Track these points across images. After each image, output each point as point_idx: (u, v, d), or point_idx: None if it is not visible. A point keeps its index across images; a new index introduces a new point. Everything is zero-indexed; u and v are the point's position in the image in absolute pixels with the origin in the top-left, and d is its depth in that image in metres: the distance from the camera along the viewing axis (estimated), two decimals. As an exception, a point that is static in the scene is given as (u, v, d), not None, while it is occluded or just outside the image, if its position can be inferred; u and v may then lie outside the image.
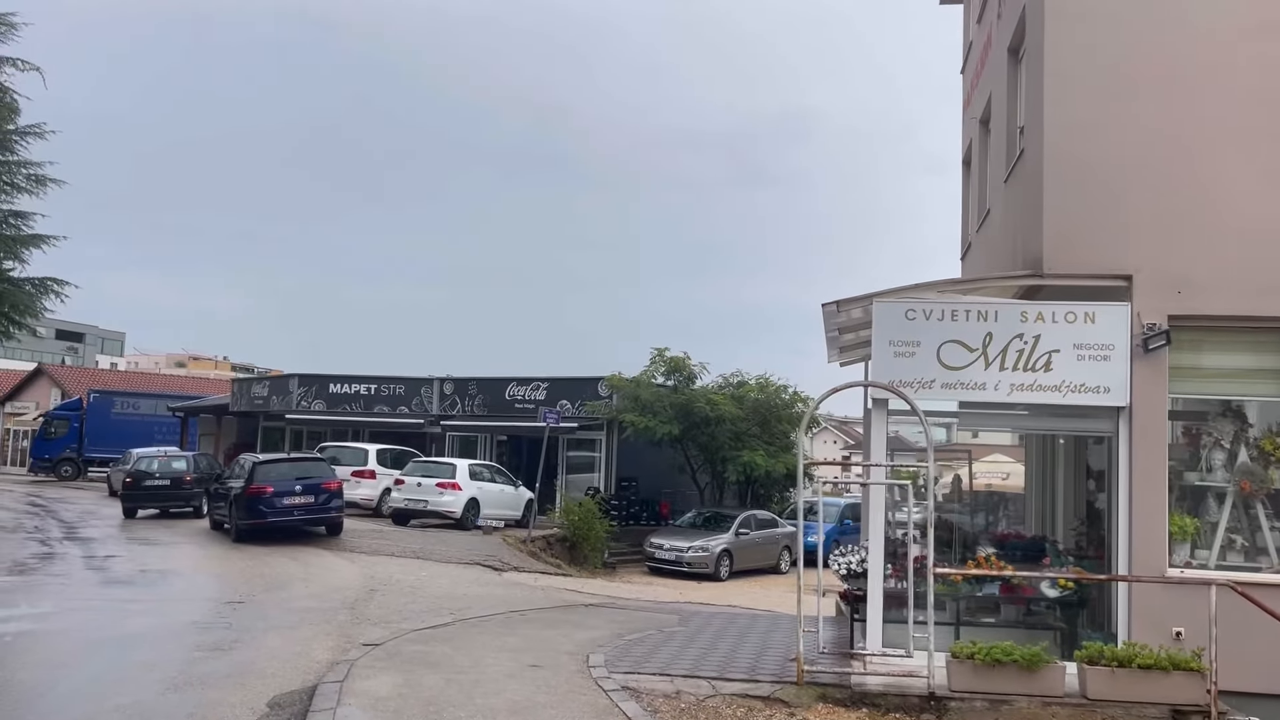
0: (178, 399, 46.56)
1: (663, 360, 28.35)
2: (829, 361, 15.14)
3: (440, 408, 33.59)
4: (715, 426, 27.67)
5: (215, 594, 14.26)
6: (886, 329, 9.81)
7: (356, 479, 26.62)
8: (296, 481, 20.84)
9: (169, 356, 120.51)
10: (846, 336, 12.86)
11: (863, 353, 14.35)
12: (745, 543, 26.28)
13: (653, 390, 28.10)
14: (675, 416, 27.45)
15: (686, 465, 29.42)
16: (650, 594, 19.59)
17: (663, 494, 31.53)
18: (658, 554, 25.46)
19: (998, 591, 10.09)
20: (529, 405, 31.49)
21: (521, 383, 31.81)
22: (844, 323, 11.60)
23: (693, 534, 26.14)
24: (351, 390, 34.98)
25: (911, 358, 9.72)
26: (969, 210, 16.09)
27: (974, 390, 9.63)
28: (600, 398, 29.32)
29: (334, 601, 13.90)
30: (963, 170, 16.43)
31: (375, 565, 18.21)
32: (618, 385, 28.40)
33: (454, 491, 24.60)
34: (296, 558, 18.41)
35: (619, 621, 12.68)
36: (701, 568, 24.98)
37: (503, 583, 17.89)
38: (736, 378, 29.67)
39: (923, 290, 9.94)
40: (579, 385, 30.34)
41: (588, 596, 17.19)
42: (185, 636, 10.93)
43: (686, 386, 28.46)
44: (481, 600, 14.98)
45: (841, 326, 11.68)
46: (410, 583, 16.36)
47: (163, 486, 25.87)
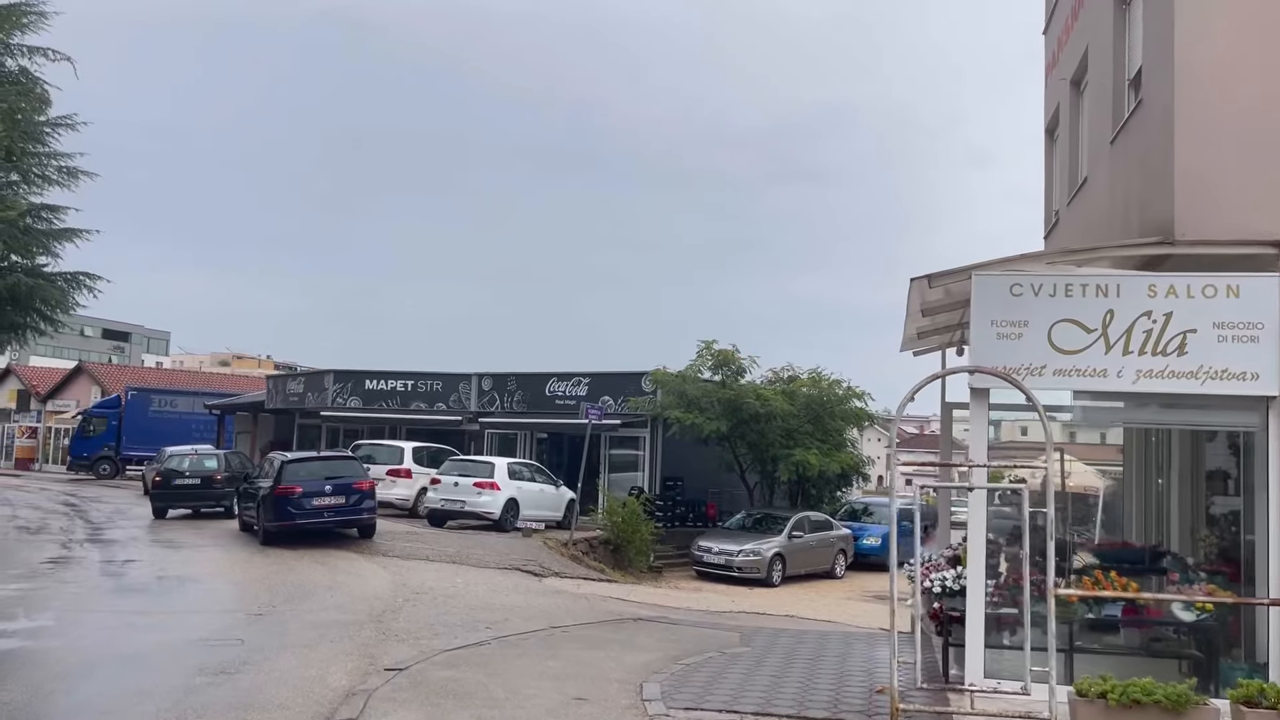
0: (215, 396, 45.95)
1: (710, 353, 26.98)
2: (901, 350, 13.75)
3: (479, 404, 32.50)
4: (765, 423, 26.27)
5: (232, 604, 13.16)
6: (988, 306, 8.41)
7: (391, 478, 25.57)
8: (326, 481, 19.76)
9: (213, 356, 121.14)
10: (922, 323, 11.47)
11: (940, 340, 12.96)
12: (798, 546, 24.88)
13: (699, 385, 26.75)
14: (723, 413, 26.09)
15: (735, 464, 28.04)
16: (701, 603, 18.28)
17: (709, 494, 30.20)
18: (706, 557, 24.13)
19: (1119, 614, 8.66)
20: (570, 401, 30.28)
21: (562, 378, 30.59)
22: (927, 304, 10.22)
23: (743, 536, 24.78)
24: (388, 386, 33.99)
25: (1018, 340, 8.32)
26: (1053, 183, 14.59)
27: (1093, 378, 8.20)
28: (644, 393, 28.04)
29: (360, 613, 12.74)
30: (1045, 141, 14.93)
31: (408, 571, 17.08)
32: (662, 380, 27.09)
33: (492, 491, 23.44)
34: (325, 562, 17.32)
35: (673, 640, 11.38)
36: (753, 572, 23.62)
37: (543, 590, 16.68)
38: (787, 372, 28.24)
39: (1029, 261, 8.53)
40: (622, 380, 29.07)
41: (635, 607, 15.91)
42: (190, 656, 9.79)
43: (735, 381, 27.08)
44: (520, 611, 13.76)
45: (925, 307, 10.30)
46: (444, 591, 15.20)
47: (193, 486, 24.96)
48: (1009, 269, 8.46)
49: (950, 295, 10.07)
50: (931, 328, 11.84)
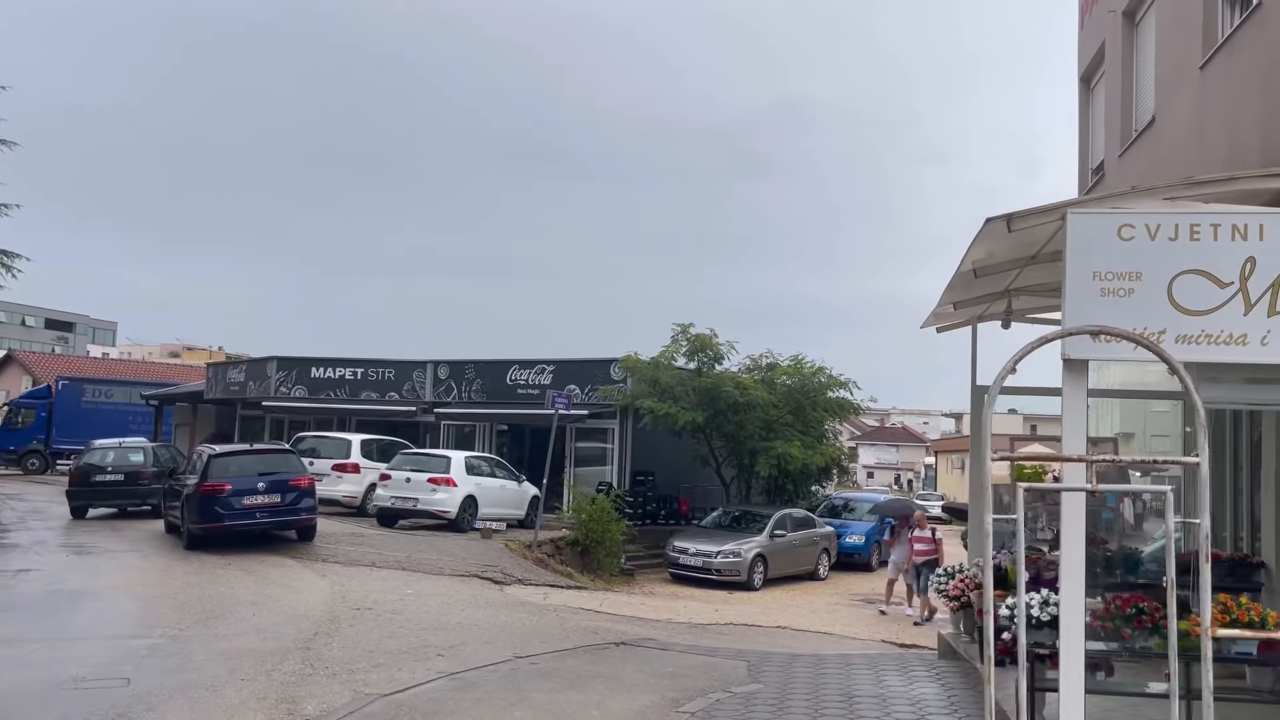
0: (155, 387, 43.26)
1: (686, 338, 24.99)
2: (923, 326, 11.87)
3: (434, 394, 30.30)
4: (744, 414, 24.36)
5: (131, 628, 10.98)
6: (1088, 254, 6.47)
7: (337, 473, 23.37)
8: (260, 478, 17.52)
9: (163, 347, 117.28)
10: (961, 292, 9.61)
11: (972, 313, 11.10)
12: (781, 546, 23.00)
13: (674, 373, 24.76)
14: (699, 403, 24.13)
15: (710, 457, 26.10)
16: (682, 613, 16.32)
17: (682, 489, 28.23)
18: (682, 559, 22.18)
19: (1254, 651, 6.80)
20: (533, 391, 28.19)
21: (525, 366, 28.48)
22: (982, 263, 8.33)
23: (721, 536, 22.85)
24: (335, 375, 31.65)
25: (1128, 297, 6.39)
26: (1091, 135, 12.78)
27: (1229, 346, 6.31)
28: (613, 382, 26.01)
29: (287, 637, 10.63)
30: (1080, 89, 13.10)
31: (350, 580, 14.95)
32: (634, 367, 25.08)
33: (448, 488, 21.33)
34: (254, 571, 15.14)
35: (666, 675, 9.37)
36: (733, 575, 21.71)
37: (505, 602, 14.63)
38: (766, 359, 26.30)
39: (1138, 199, 6.62)
40: (589, 368, 27.02)
41: (610, 621, 13.93)
42: (55, 704, 7.66)
43: (711, 369, 25.12)
44: (479, 631, 11.72)
45: (980, 266, 8.40)
46: (391, 605, 13.11)
47: (116, 482, 22.51)
48: (1116, 206, 6.55)
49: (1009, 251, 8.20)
50: (969, 299, 9.97)
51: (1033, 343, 5.70)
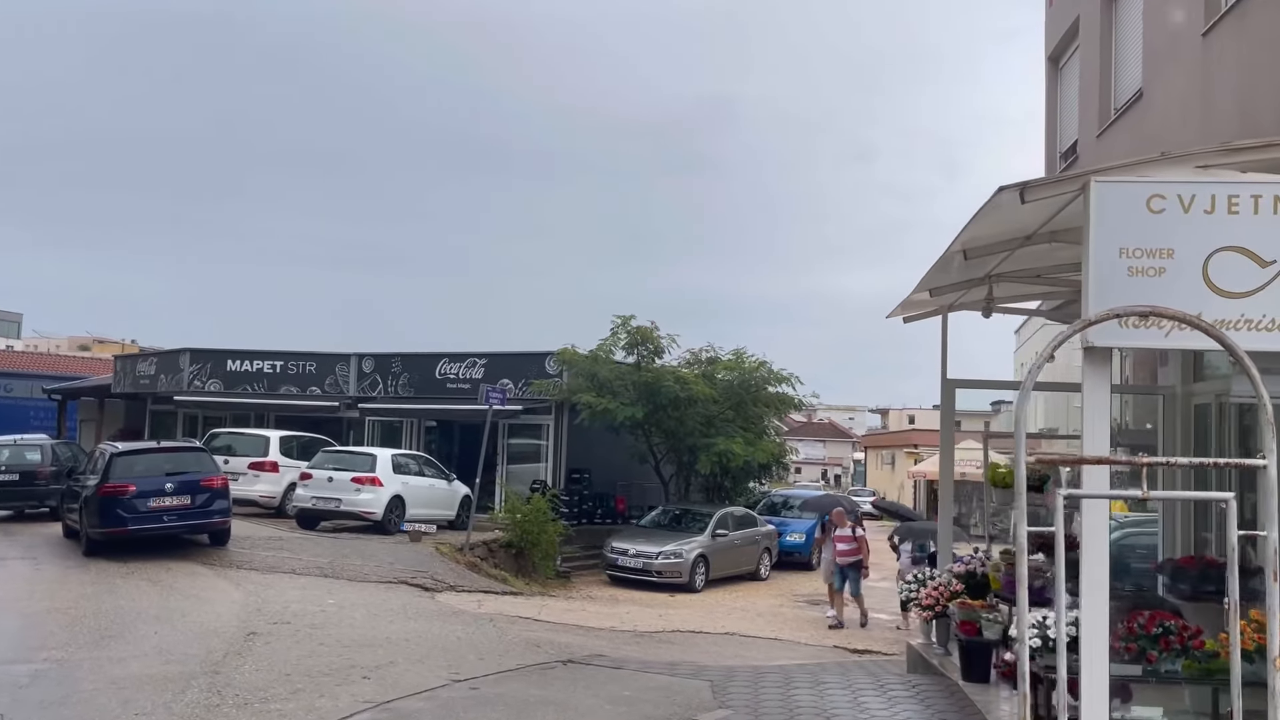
0: (59, 380, 40.93)
1: (625, 331, 24.07)
2: (889, 316, 11.16)
3: (359, 388, 28.93)
4: (685, 409, 23.54)
5: (11, 650, 9.73)
6: (1114, 229, 5.74)
7: (254, 472, 21.97)
8: (168, 478, 16.16)
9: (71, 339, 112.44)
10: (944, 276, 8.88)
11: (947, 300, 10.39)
12: (723, 545, 22.26)
13: (613, 367, 23.84)
14: (638, 397, 23.26)
15: (649, 454, 25.25)
16: (626, 619, 15.45)
17: (618, 487, 27.35)
18: (621, 561, 21.29)
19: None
20: (464, 385, 27.01)
21: (455, 359, 27.28)
22: (976, 241, 7.58)
23: (661, 536, 22.02)
24: (253, 368, 30.05)
25: (1159, 277, 5.67)
26: (1061, 116, 12.19)
27: (1272, 332, 5.62)
28: (549, 376, 25.00)
29: (192, 659, 9.48)
30: (1048, 69, 12.51)
31: (267, 589, 13.76)
32: (571, 361, 24.09)
33: (373, 488, 20.13)
34: (160, 580, 13.85)
35: (624, 700, 8.44)
36: (674, 577, 20.88)
37: (437, 611, 13.58)
38: (707, 353, 25.52)
39: (1167, 166, 5.89)
40: (523, 362, 25.96)
41: (552, 632, 12.99)
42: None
43: (651, 362, 24.26)
44: (410, 648, 10.68)
45: (970, 247, 7.65)
46: (312, 618, 11.99)
47: (10, 482, 20.77)
48: (1143, 175, 5.81)
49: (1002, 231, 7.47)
50: (945, 283, 9.24)
51: (1075, 326, 4.91)
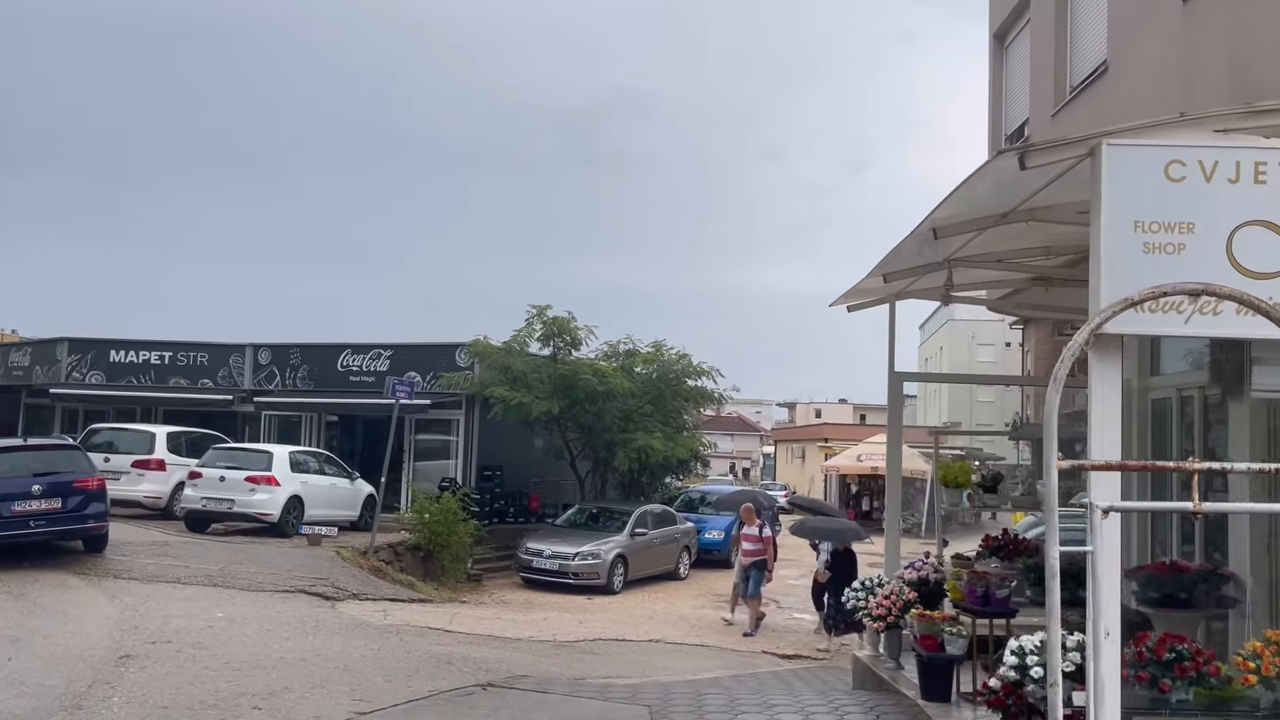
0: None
1: (541, 321, 23.03)
2: (832, 305, 10.45)
3: (254, 381, 27.29)
4: (603, 404, 22.66)
5: None
6: (1128, 199, 5.03)
7: (138, 471, 20.35)
8: (36, 479, 14.56)
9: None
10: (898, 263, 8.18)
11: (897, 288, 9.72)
12: (642, 545, 21.45)
13: (527, 359, 22.81)
14: (554, 391, 22.29)
15: (565, 450, 24.29)
16: (545, 627, 14.51)
17: (531, 484, 26.33)
18: (536, 562, 20.30)
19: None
20: (368, 378, 25.68)
21: (359, 350, 25.90)
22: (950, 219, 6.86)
23: (578, 536, 21.10)
24: (139, 359, 28.12)
25: (1179, 254, 4.99)
26: (1006, 94, 11.66)
27: (1303, 317, 4.97)
28: (459, 368, 23.85)
29: (50, 692, 8.23)
30: (992, 48, 11.96)
31: (147, 602, 12.43)
32: (484, 353, 22.98)
33: (269, 487, 18.76)
34: (23, 595, 12.38)
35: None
36: (592, 578, 19.99)
37: (339, 625, 12.44)
38: (625, 345, 24.64)
39: (1188, 129, 5.21)
40: (432, 354, 24.74)
41: (467, 645, 11.99)
42: None
43: (568, 355, 23.30)
44: (307, 668, 9.57)
45: (943, 225, 6.93)
46: (197, 635, 10.77)
47: None
48: (1159, 137, 5.12)
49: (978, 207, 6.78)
50: (901, 268, 8.53)
51: (1116, 306, 4.16)
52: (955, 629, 7.43)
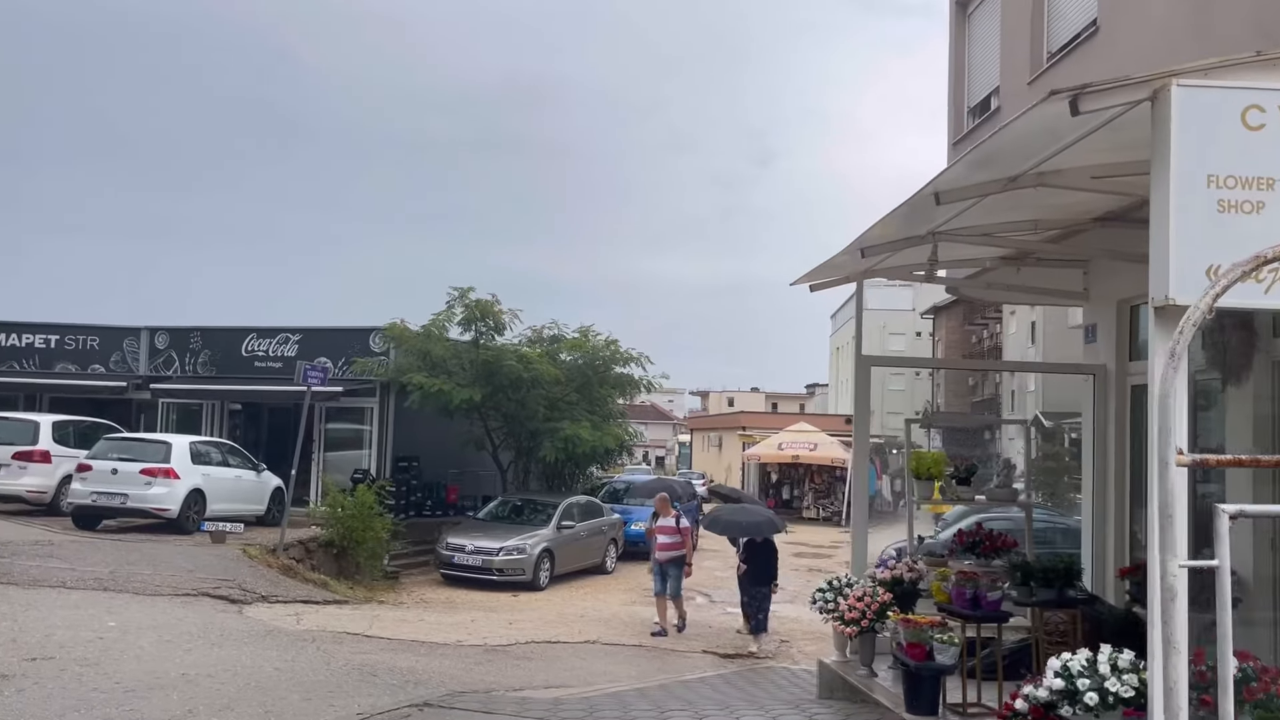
0: None
1: (463, 304, 21.91)
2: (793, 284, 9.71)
3: (150, 366, 25.58)
4: (528, 391, 21.70)
5: None
6: (1200, 149, 4.36)
7: (20, 463, 18.74)
8: (-102, 474, 13.12)
9: None
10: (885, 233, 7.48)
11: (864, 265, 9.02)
12: (568, 538, 20.58)
13: (448, 344, 21.69)
14: (477, 378, 21.24)
15: (487, 440, 23.25)
16: (473, 630, 13.55)
17: (450, 475, 25.17)
18: (457, 558, 19.27)
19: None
20: (275, 364, 24.27)
21: (264, 334, 24.43)
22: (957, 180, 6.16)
23: (501, 530, 20.12)
24: (22, 342, 26.12)
25: (1257, 214, 4.33)
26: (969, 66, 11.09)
27: (1396, 290, 4.36)
28: (374, 354, 22.61)
29: (-96, 724, 7.02)
30: (954, 17, 11.37)
31: (28, 611, 11.09)
32: (400, 337, 21.80)
33: (167, 480, 17.37)
34: (-120, 605, 10.95)
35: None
36: (517, 575, 19.06)
37: (248, 632, 11.29)
38: (550, 330, 23.67)
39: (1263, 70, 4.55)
40: (344, 338, 23.43)
41: (388, 649, 11.00)
42: None
43: (491, 340, 22.24)
44: (213, 687, 8.48)
45: (946, 189, 6.22)
46: (84, 648, 9.54)
47: None
48: (1226, 77, 4.45)
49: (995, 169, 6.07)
50: (884, 240, 7.82)
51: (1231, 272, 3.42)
52: (945, 635, 6.75)
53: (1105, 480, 9.00)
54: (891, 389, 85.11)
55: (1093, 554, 8.91)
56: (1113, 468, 8.90)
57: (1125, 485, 8.85)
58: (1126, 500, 8.84)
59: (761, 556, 14.45)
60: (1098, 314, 9.33)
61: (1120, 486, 8.86)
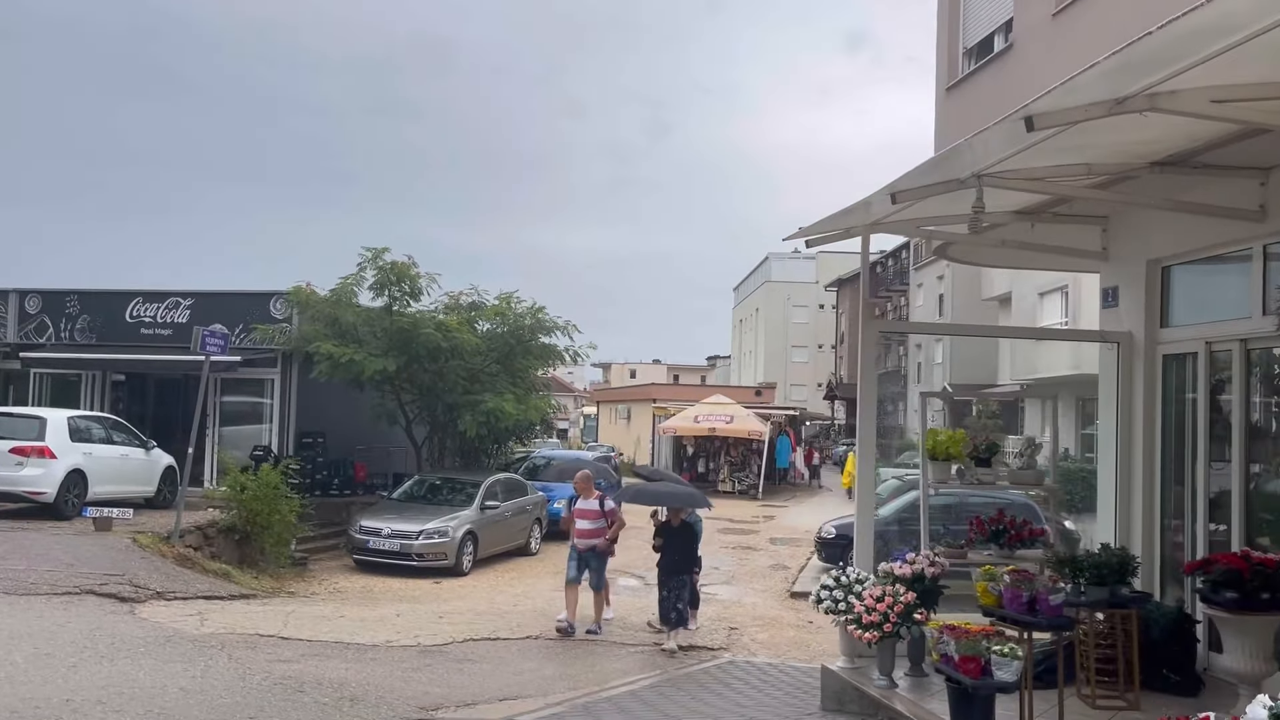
0: None
1: (376, 266, 20.20)
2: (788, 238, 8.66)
3: (20, 333, 23.14)
4: (446, 362, 20.17)
5: None
6: None
7: None
8: None
9: None
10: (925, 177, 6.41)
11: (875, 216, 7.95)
12: (493, 519, 19.23)
13: (359, 311, 20.01)
14: (391, 347, 19.63)
15: (400, 414, 21.65)
16: (402, 628, 12.15)
17: (357, 452, 23.49)
18: (372, 543, 17.74)
19: None
20: (163, 330, 22.19)
21: (152, 299, 22.28)
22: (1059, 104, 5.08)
23: (419, 511, 18.63)
24: None
25: None
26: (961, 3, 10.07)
27: None
28: (275, 321, 20.76)
29: None
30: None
31: None
32: (306, 302, 20.01)
33: (43, 460, 15.44)
34: None
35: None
36: (438, 559, 17.65)
37: (143, 638, 9.74)
38: (468, 297, 22.07)
39: None
40: (242, 303, 21.47)
41: (309, 655, 9.60)
42: None
43: (406, 306, 20.60)
44: (105, 715, 7.00)
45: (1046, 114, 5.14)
46: (-61, 669, 7.91)
47: None
48: None
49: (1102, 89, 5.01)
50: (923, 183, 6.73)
51: None
52: (1007, 648, 5.74)
53: (1130, 460, 8.16)
54: (795, 361, 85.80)
55: (1115, 542, 8.06)
56: (1140, 446, 8.06)
57: (1155, 466, 8.03)
58: (1157, 483, 8.02)
59: (679, 539, 12.44)
60: (1120, 276, 8.47)
61: (1149, 467, 8.03)
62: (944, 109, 10.32)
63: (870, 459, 8.19)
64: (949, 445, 7.75)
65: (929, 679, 7.29)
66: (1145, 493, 8.01)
